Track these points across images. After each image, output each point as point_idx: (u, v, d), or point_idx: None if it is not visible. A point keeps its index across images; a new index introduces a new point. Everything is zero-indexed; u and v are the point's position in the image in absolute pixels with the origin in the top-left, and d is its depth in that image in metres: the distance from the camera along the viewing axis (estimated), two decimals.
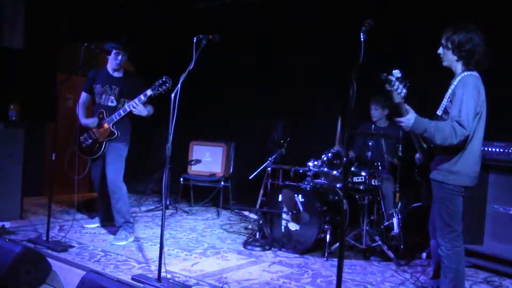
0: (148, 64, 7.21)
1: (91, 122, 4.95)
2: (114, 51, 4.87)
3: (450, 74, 3.26)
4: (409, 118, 3.00)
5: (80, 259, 4.17)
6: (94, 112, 5.01)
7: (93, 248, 4.53)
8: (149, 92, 4.64)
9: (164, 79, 4.56)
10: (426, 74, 4.74)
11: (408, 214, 4.86)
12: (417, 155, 3.48)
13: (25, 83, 6.29)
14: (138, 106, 4.72)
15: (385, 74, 2.91)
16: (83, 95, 5.14)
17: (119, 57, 4.90)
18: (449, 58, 3.17)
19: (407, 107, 3.02)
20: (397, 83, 2.89)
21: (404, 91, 2.91)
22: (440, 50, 3.21)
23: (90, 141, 4.96)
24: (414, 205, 4.81)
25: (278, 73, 6.68)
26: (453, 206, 3.13)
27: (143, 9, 7.39)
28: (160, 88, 4.57)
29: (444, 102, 3.18)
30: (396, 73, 2.92)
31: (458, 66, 3.18)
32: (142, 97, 4.68)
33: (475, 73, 3.12)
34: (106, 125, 4.85)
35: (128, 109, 4.76)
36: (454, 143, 2.98)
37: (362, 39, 2.81)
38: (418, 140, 3.32)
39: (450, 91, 3.15)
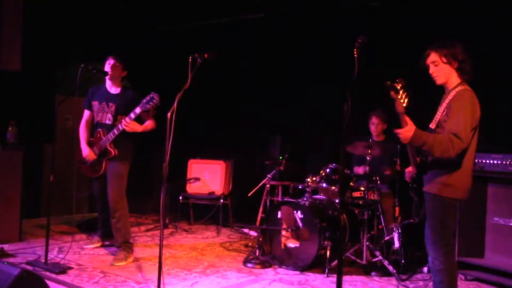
0: (147, 83, 7.23)
1: (86, 154, 4.97)
2: (107, 60, 4.90)
3: (441, 89, 3.29)
4: (408, 130, 3.00)
5: (79, 280, 4.14)
6: (94, 130, 5.04)
7: (92, 269, 4.50)
8: (138, 110, 4.64)
9: (151, 95, 4.57)
10: (422, 87, 4.76)
11: (408, 228, 4.83)
12: (407, 173, 3.48)
13: (23, 104, 6.31)
14: (129, 124, 4.70)
15: (389, 82, 2.97)
16: (85, 113, 5.14)
17: (111, 63, 4.86)
18: (445, 72, 3.18)
19: (407, 119, 3.03)
20: (401, 92, 2.95)
21: (406, 100, 2.97)
22: (433, 69, 3.22)
23: (93, 160, 4.97)
24: (405, 222, 4.79)
25: (275, 89, 6.71)
26: (447, 219, 3.14)
27: (141, 30, 7.44)
28: (147, 105, 4.58)
29: (438, 115, 3.19)
30: (400, 81, 2.98)
31: (453, 79, 3.20)
32: (132, 115, 4.68)
33: (469, 88, 3.16)
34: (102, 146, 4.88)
35: (121, 128, 4.75)
36: (452, 156, 3.00)
37: (356, 55, 2.83)
38: (413, 153, 3.31)
39: (444, 104, 3.16)
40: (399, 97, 2.96)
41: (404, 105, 2.97)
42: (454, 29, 5.09)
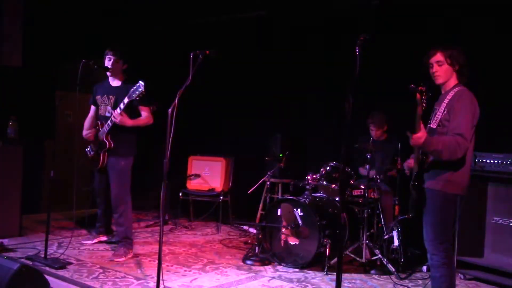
0: (148, 81, 7.22)
1: (87, 134, 5.00)
2: (106, 55, 4.90)
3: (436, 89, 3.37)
4: (420, 136, 3.09)
5: (78, 276, 4.14)
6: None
7: (92, 264, 4.51)
8: (126, 100, 4.61)
9: (138, 84, 4.52)
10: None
11: (407, 227, 4.83)
12: (405, 166, 3.56)
13: (24, 100, 6.30)
14: (118, 116, 4.62)
15: (413, 86, 3.09)
16: (91, 108, 5.18)
17: (111, 59, 4.86)
18: (447, 73, 3.30)
19: (421, 125, 3.12)
20: (423, 95, 3.10)
21: (425, 104, 3.12)
22: (436, 68, 3.31)
23: (93, 152, 4.99)
24: (400, 217, 4.79)
25: (276, 87, 6.70)
26: (448, 214, 3.25)
27: (142, 26, 7.43)
28: (133, 94, 4.54)
29: (439, 115, 3.26)
30: (424, 85, 3.11)
31: (451, 81, 3.33)
32: (121, 105, 4.65)
33: (467, 89, 3.27)
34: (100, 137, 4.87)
35: (113, 120, 4.71)
36: (459, 156, 3.13)
37: (357, 53, 2.83)
38: (418, 152, 3.33)
39: (444, 104, 3.25)
40: (423, 100, 3.09)
41: (423, 108, 3.10)
42: (454, 28, 5.08)
